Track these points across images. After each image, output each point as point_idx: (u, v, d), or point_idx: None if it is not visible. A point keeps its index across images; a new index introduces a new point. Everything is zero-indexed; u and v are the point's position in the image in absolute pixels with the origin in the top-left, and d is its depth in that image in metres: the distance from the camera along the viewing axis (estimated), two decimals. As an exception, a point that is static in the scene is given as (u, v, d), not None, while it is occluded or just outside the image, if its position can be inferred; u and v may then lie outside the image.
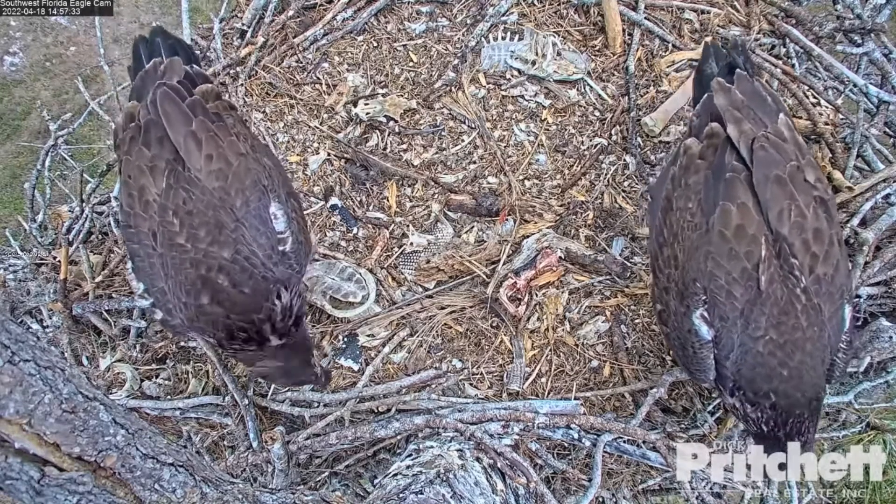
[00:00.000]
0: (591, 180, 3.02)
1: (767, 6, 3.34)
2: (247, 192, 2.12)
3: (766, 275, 1.99)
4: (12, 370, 1.27)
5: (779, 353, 1.99)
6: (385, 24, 3.33)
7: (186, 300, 2.06)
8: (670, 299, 2.17)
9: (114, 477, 1.40)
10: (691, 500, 2.41)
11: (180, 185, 2.07)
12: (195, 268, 2.04)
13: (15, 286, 2.97)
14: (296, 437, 2.51)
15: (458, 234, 2.92)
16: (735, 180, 2.05)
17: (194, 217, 2.05)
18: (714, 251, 2.03)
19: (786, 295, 1.98)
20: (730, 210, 2.02)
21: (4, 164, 6.26)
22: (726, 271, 2.01)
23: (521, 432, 2.49)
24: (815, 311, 2.00)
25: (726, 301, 2.01)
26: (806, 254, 2.00)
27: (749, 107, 2.17)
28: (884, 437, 3.03)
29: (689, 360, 2.13)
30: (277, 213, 2.18)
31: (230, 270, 2.04)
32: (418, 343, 2.72)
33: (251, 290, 2.07)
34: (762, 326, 1.99)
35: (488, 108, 3.15)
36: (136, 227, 2.11)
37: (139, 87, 2.28)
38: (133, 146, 2.14)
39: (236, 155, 2.16)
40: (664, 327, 2.24)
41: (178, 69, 2.28)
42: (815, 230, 2.01)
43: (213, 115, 2.20)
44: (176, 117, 2.12)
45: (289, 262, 2.18)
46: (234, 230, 2.06)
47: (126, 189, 2.15)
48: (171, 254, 2.06)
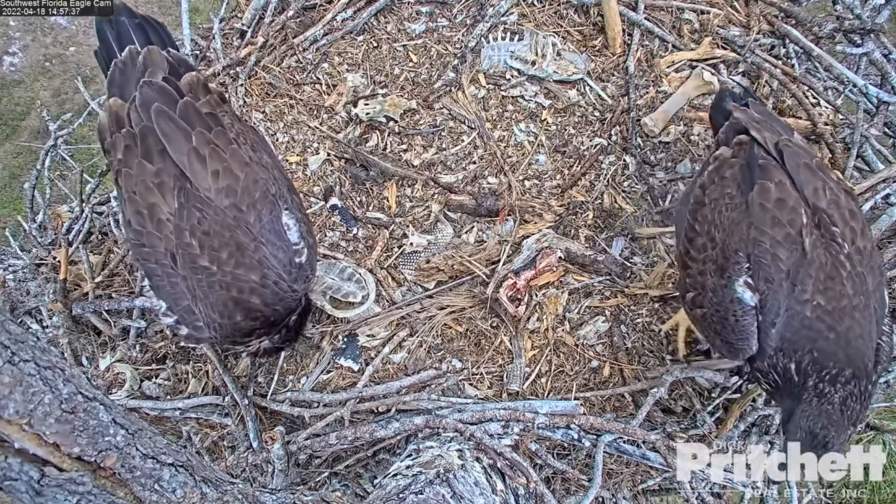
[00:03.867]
0: (591, 180, 3.02)
1: (767, 6, 3.34)
2: (258, 206, 2.15)
3: (810, 239, 2.02)
4: (12, 370, 1.27)
5: (827, 319, 1.98)
6: (385, 25, 3.33)
7: (221, 321, 2.15)
8: (707, 279, 2.18)
9: (114, 477, 1.40)
10: (691, 500, 2.41)
11: (192, 205, 2.07)
12: (226, 290, 2.11)
13: (15, 286, 2.97)
14: (296, 438, 2.51)
15: (458, 235, 2.92)
16: (769, 165, 2.15)
17: (213, 238, 2.08)
18: (756, 221, 2.08)
19: (830, 261, 2.01)
20: (768, 186, 2.10)
21: (4, 165, 6.26)
22: (770, 236, 2.05)
23: (520, 432, 2.49)
24: (861, 280, 2.01)
25: (772, 263, 2.03)
26: (845, 226, 2.05)
27: (767, 122, 2.29)
28: (884, 437, 3.02)
29: (729, 332, 2.09)
30: (290, 224, 2.23)
31: (262, 294, 2.16)
32: (418, 343, 2.72)
33: (283, 309, 2.26)
34: (809, 290, 2.00)
35: (488, 109, 3.15)
36: (152, 246, 2.09)
37: (119, 81, 2.21)
38: (131, 157, 2.09)
39: (242, 166, 2.15)
40: (699, 310, 2.22)
41: (160, 61, 2.22)
42: (850, 210, 2.08)
43: (208, 116, 2.17)
44: (174, 135, 2.08)
45: (305, 274, 2.29)
46: (255, 250, 2.13)
47: (133, 206, 2.09)
48: (197, 276, 2.09)
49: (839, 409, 1.95)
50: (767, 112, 2.37)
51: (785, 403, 2.08)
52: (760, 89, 3.16)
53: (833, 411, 1.95)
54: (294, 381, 2.71)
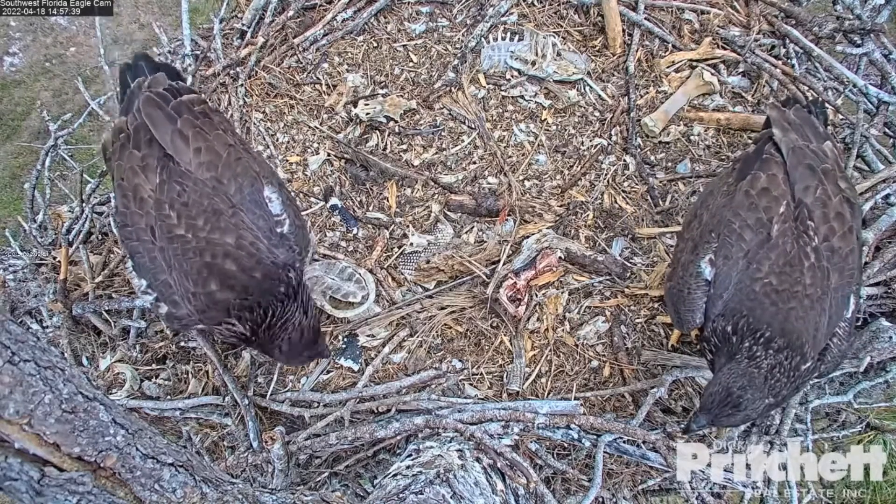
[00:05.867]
0: (591, 181, 3.02)
1: (767, 6, 3.34)
2: (239, 179, 2.17)
3: (779, 226, 2.06)
4: (12, 370, 1.27)
5: (773, 296, 2.01)
6: (385, 25, 3.33)
7: (195, 290, 2.07)
8: (682, 255, 2.25)
9: (114, 477, 1.40)
10: (691, 500, 2.41)
11: (173, 179, 2.11)
12: (199, 256, 2.06)
13: (15, 286, 2.97)
14: (296, 438, 2.51)
15: (458, 235, 2.92)
16: (770, 159, 2.20)
17: (191, 208, 2.08)
18: (735, 205, 2.14)
19: (796, 251, 2.04)
20: (759, 176, 2.16)
21: (4, 165, 6.26)
22: (742, 219, 2.11)
23: (520, 432, 2.49)
24: (823, 274, 2.03)
25: (735, 243, 2.09)
26: (824, 223, 2.08)
27: (800, 126, 2.31)
28: (884, 437, 3.03)
29: (681, 303, 2.16)
30: (272, 197, 2.23)
31: (237, 256, 2.07)
32: (418, 343, 2.72)
33: (262, 275, 2.10)
34: (763, 270, 2.05)
35: (488, 109, 3.15)
36: (134, 224, 2.13)
37: (126, 106, 2.32)
38: (123, 151, 2.18)
39: (224, 146, 2.20)
40: (668, 283, 2.28)
41: (163, 82, 2.32)
42: (838, 213, 2.10)
43: (199, 112, 2.24)
44: (160, 119, 2.17)
45: (288, 244, 2.21)
46: (232, 216, 2.10)
47: (120, 191, 2.17)
48: (173, 245, 2.07)
49: (764, 376, 1.95)
50: (807, 118, 2.39)
51: (719, 362, 2.09)
52: (760, 89, 3.17)
53: (757, 375, 1.95)
54: (294, 381, 2.71)
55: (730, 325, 2.04)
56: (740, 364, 1.99)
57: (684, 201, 2.95)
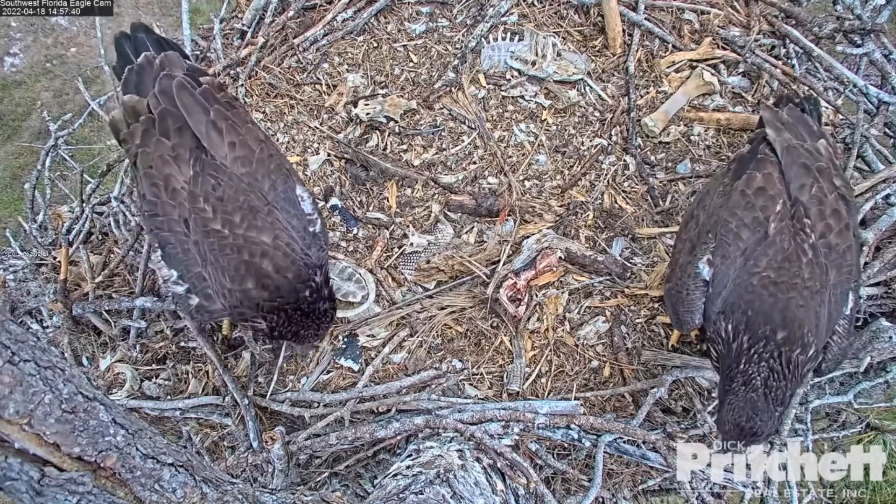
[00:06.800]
0: (591, 181, 3.02)
1: (767, 6, 3.34)
2: (273, 176, 2.18)
3: (776, 224, 2.07)
4: (12, 370, 1.27)
5: (771, 288, 2.01)
6: (385, 25, 3.33)
7: (231, 286, 2.08)
8: (680, 256, 2.26)
9: (114, 477, 1.40)
10: (691, 500, 2.41)
11: (207, 173, 2.10)
12: (237, 253, 2.07)
13: (15, 286, 2.98)
14: (296, 438, 2.51)
15: (458, 235, 2.92)
16: (765, 159, 2.22)
17: (226, 203, 2.08)
18: (732, 205, 2.15)
19: (793, 247, 2.05)
20: (755, 175, 2.17)
21: (5, 165, 6.26)
22: (739, 218, 2.12)
23: (520, 432, 2.49)
24: (821, 270, 2.04)
25: (732, 242, 2.11)
26: (820, 220, 2.09)
27: (793, 126, 2.32)
28: (884, 437, 3.03)
29: (679, 304, 2.17)
30: (304, 196, 2.26)
31: (273, 256, 2.09)
32: (418, 343, 2.72)
33: (293, 276, 2.12)
34: (761, 265, 2.05)
35: (488, 109, 3.15)
36: (166, 214, 2.11)
37: (135, 81, 2.27)
38: (149, 137, 2.15)
39: (257, 141, 2.21)
40: (667, 285, 2.29)
41: (178, 63, 2.29)
42: (834, 210, 2.11)
43: (226, 103, 2.25)
44: (193, 107, 2.16)
45: (319, 243, 2.24)
46: (267, 214, 2.12)
47: (149, 179, 2.14)
48: (209, 240, 2.08)
49: (763, 395, 1.95)
50: (800, 117, 2.39)
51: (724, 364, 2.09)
52: (760, 89, 3.17)
53: (757, 398, 1.96)
54: (294, 381, 2.71)
55: (731, 324, 2.05)
56: (738, 394, 1.98)
57: (684, 201, 2.95)
